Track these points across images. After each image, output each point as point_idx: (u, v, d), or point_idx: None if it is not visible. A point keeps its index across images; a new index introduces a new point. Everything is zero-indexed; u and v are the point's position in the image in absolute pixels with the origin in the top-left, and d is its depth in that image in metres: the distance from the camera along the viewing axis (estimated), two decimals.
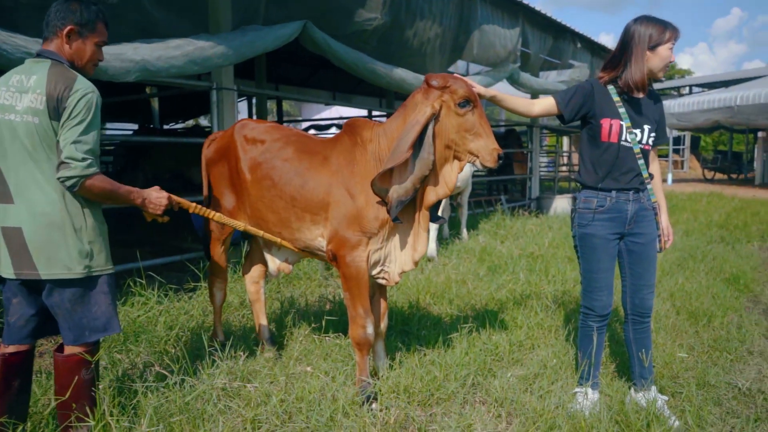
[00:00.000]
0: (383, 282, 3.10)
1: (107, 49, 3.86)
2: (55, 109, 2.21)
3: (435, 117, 2.75)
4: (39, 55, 2.34)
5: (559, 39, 10.26)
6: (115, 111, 15.08)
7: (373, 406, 2.86)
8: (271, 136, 3.24)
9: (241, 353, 3.40)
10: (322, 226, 3.02)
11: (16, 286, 2.35)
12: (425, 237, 2.95)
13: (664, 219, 3.04)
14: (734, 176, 22.56)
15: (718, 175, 22.88)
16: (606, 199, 2.91)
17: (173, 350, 3.55)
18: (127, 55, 3.88)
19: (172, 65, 4.15)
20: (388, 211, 2.81)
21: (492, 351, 3.58)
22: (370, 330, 2.96)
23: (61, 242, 2.28)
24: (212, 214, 2.96)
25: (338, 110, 22.22)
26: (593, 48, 11.67)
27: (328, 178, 2.97)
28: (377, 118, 14.12)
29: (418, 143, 2.73)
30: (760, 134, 21.15)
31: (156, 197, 2.52)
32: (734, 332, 4.13)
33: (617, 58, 2.90)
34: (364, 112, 15.03)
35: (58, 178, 2.22)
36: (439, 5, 6.91)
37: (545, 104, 2.97)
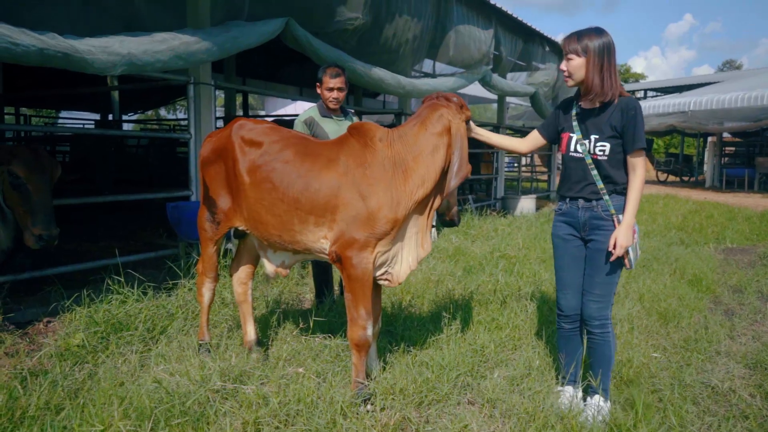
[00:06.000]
0: (385, 283, 3.13)
1: (92, 41, 3.78)
2: None
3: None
4: None
5: (528, 42, 10.46)
6: (73, 100, 14.63)
7: (368, 407, 2.89)
8: (269, 138, 3.21)
9: (232, 354, 3.39)
10: (327, 228, 3.01)
11: None
12: (429, 236, 3.14)
13: (622, 225, 2.88)
14: (685, 179, 23.31)
15: (671, 178, 23.64)
16: (563, 204, 3.14)
17: (157, 349, 3.50)
18: (113, 48, 3.79)
19: (157, 59, 4.07)
20: (453, 216, 3.19)
21: (479, 352, 3.66)
22: (370, 332, 2.98)
23: None
24: None
25: (303, 105, 22.01)
26: (561, 52, 11.93)
27: (337, 180, 2.97)
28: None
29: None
30: (710, 139, 21.96)
31: None
32: (702, 333, 4.31)
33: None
34: None
35: None
36: (418, 5, 6.96)
37: (532, 138, 3.32)
